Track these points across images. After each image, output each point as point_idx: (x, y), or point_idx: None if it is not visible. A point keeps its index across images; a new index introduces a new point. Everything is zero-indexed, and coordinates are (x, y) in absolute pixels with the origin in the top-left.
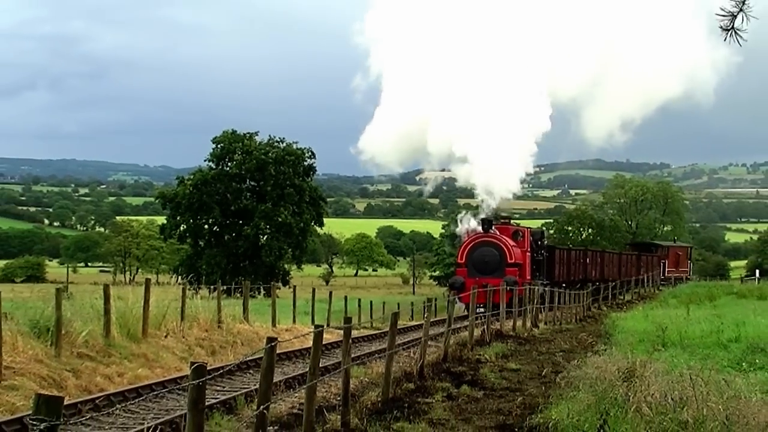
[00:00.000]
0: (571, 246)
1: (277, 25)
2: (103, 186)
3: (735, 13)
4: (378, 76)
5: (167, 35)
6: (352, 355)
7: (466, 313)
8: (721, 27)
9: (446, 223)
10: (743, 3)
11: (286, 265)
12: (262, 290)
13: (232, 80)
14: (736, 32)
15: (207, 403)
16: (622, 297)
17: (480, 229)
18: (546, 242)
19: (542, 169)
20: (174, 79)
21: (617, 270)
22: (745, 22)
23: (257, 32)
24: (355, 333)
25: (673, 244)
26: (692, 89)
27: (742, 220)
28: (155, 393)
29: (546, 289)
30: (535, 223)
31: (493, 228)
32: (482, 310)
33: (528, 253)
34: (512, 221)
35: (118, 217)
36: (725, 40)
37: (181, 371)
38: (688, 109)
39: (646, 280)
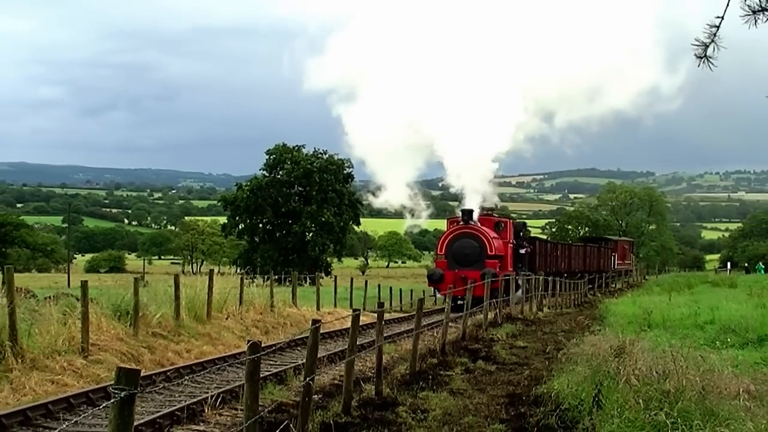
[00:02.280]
0: (549, 239)
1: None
2: (174, 191)
3: (707, 43)
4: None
5: (227, 62)
6: (384, 335)
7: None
8: (695, 55)
9: None
10: (715, 35)
11: (328, 258)
12: (308, 279)
13: (283, 99)
14: (708, 59)
15: (261, 375)
16: (614, 285)
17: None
18: (526, 234)
19: (546, 176)
20: (233, 99)
21: (582, 262)
22: (716, 51)
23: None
24: (386, 316)
25: (619, 238)
26: (671, 109)
27: (716, 220)
28: (218, 366)
29: (549, 279)
30: (539, 223)
31: (474, 219)
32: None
33: (510, 245)
34: (511, 218)
35: (186, 218)
36: (699, 66)
37: (239, 348)
38: (669, 126)
39: (635, 274)
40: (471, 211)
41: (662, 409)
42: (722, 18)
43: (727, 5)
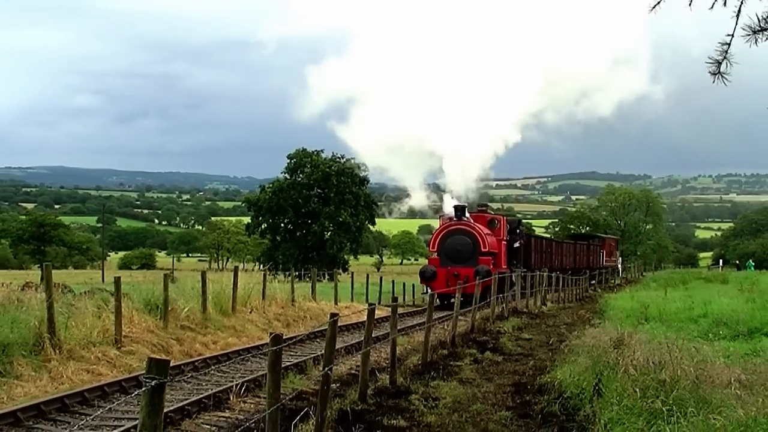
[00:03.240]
0: (543, 236)
1: None
2: (201, 193)
3: (720, 60)
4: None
5: (250, 73)
6: (398, 327)
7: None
8: (710, 72)
9: None
10: (726, 52)
11: (345, 256)
12: (326, 275)
13: (302, 106)
14: (722, 75)
15: (283, 365)
16: (613, 281)
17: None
18: (523, 231)
19: (549, 179)
20: (256, 107)
21: (573, 259)
22: (729, 67)
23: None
24: (400, 310)
25: (606, 235)
26: (667, 116)
27: (709, 220)
28: (242, 357)
29: (553, 275)
30: (543, 223)
31: (467, 216)
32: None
33: (504, 242)
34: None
35: (212, 218)
36: (713, 82)
37: (262, 340)
38: (665, 131)
39: (633, 270)
40: (464, 208)
41: (658, 398)
42: (732, 36)
43: (736, 24)
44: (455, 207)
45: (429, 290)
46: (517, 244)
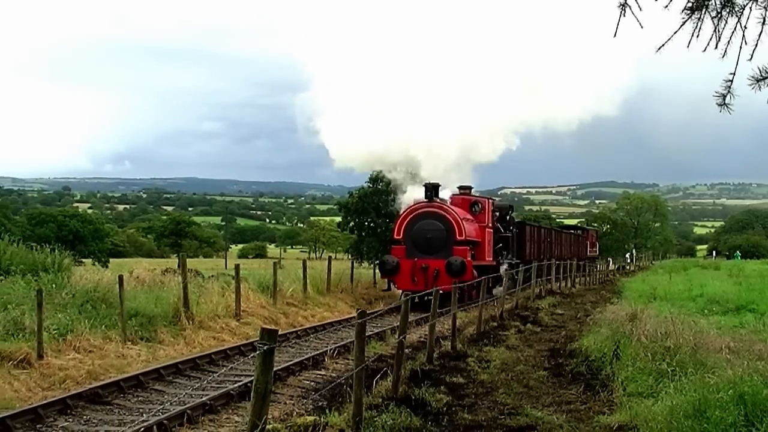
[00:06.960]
0: (540, 223)
1: None
2: (302, 198)
3: (725, 94)
4: None
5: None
6: (458, 305)
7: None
8: (717, 104)
9: None
10: (729, 88)
11: None
12: None
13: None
14: (726, 106)
15: (367, 334)
16: (629, 267)
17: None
18: (514, 217)
19: (578, 186)
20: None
21: (569, 249)
22: (732, 99)
23: None
24: None
25: (587, 227)
26: (669, 135)
27: (704, 219)
28: (334, 328)
29: (581, 263)
30: (572, 221)
31: (442, 197)
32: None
33: (489, 229)
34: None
35: (311, 218)
36: (720, 111)
37: (350, 314)
38: (670, 148)
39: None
40: (436, 186)
41: (664, 360)
42: (734, 74)
43: (737, 64)
44: (426, 185)
45: (392, 285)
46: (508, 234)
